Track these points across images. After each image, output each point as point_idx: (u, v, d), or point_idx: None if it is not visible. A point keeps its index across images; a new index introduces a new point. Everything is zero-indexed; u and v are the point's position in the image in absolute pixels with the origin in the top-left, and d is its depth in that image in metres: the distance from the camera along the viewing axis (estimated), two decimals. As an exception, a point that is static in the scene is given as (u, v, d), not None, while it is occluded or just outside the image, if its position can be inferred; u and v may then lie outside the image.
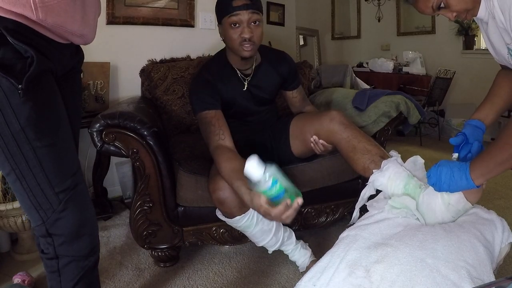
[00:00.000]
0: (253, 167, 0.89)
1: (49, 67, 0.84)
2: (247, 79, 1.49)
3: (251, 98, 1.51)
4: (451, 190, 0.96)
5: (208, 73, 1.45)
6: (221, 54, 1.51)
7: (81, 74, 1.88)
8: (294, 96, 1.64)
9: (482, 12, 0.90)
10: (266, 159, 1.53)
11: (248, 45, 1.33)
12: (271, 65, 1.53)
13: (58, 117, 0.87)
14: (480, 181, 0.91)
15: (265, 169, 0.90)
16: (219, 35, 1.44)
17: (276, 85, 1.57)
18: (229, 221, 1.32)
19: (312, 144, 1.40)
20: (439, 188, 0.97)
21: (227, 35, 1.36)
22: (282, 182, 0.93)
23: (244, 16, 1.30)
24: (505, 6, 0.79)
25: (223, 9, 1.33)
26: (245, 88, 1.48)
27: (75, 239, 0.90)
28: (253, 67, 1.49)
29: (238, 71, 1.47)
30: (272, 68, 1.54)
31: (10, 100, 0.76)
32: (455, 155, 1.08)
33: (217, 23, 1.42)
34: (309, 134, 1.41)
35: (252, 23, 1.32)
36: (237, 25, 1.31)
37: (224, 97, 1.45)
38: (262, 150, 1.56)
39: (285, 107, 2.02)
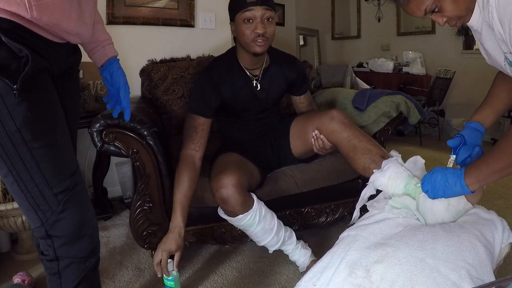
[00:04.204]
0: (169, 264, 1.25)
1: (45, 66, 0.82)
2: (255, 80, 1.48)
3: (256, 99, 1.50)
4: (446, 196, 0.96)
5: (215, 72, 1.44)
6: (231, 52, 1.50)
7: (80, 74, 1.89)
8: (301, 101, 1.65)
9: (474, 21, 0.90)
10: (266, 159, 1.55)
11: (261, 41, 1.33)
12: (280, 69, 1.53)
13: (55, 117, 0.85)
14: (475, 187, 0.92)
15: (173, 270, 1.25)
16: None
17: (282, 90, 1.57)
18: (231, 219, 1.32)
19: (312, 139, 1.40)
20: (433, 195, 0.97)
21: (240, 31, 1.35)
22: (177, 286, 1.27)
23: (257, 11, 1.30)
24: (505, 20, 0.78)
25: (237, 5, 1.33)
26: (255, 89, 1.48)
27: (75, 240, 0.89)
28: (262, 68, 1.49)
29: (246, 71, 1.47)
30: (280, 72, 1.53)
31: (5, 100, 0.75)
32: (453, 157, 1.07)
33: (229, 21, 1.42)
34: (309, 134, 1.42)
35: (266, 20, 1.33)
36: (251, 20, 1.32)
37: (227, 97, 1.45)
38: (263, 151, 1.57)
39: (285, 107, 2.02)
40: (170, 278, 1.24)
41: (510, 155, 0.83)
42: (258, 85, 1.48)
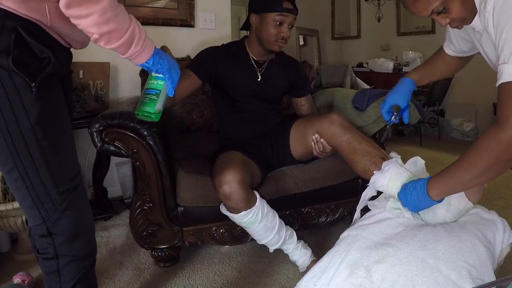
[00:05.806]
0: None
1: (58, 69, 0.85)
2: (260, 70, 1.57)
3: (255, 87, 1.56)
4: (418, 209, 0.98)
5: (223, 48, 1.57)
6: (241, 41, 1.61)
7: (80, 73, 1.90)
8: (302, 104, 1.72)
9: (476, 23, 0.90)
10: (266, 159, 1.55)
11: (282, 42, 1.47)
12: (282, 66, 1.62)
13: (64, 118, 0.88)
14: (439, 198, 0.93)
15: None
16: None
17: (283, 87, 1.63)
18: (234, 216, 1.32)
19: (312, 143, 1.43)
20: (411, 209, 1.00)
21: (265, 28, 1.45)
22: (163, 91, 1.02)
23: (289, 18, 1.44)
24: (498, 28, 0.79)
25: (272, 6, 1.43)
26: (256, 77, 1.56)
27: (75, 238, 0.90)
28: (268, 60, 1.59)
29: (252, 59, 1.56)
30: (283, 69, 1.62)
31: (22, 96, 0.77)
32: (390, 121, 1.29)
33: (251, 12, 1.49)
34: (309, 138, 1.45)
35: (290, 26, 1.47)
36: (279, 23, 1.43)
37: (226, 77, 1.53)
38: (263, 151, 1.57)
39: (285, 107, 2.02)
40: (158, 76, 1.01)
41: (477, 166, 0.83)
42: (260, 75, 1.56)
